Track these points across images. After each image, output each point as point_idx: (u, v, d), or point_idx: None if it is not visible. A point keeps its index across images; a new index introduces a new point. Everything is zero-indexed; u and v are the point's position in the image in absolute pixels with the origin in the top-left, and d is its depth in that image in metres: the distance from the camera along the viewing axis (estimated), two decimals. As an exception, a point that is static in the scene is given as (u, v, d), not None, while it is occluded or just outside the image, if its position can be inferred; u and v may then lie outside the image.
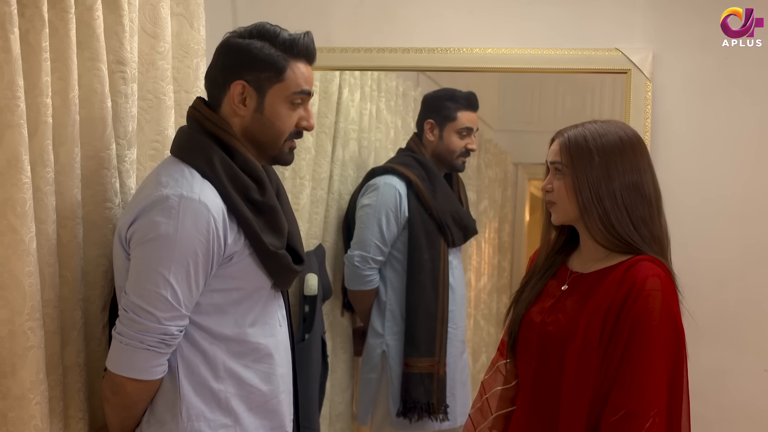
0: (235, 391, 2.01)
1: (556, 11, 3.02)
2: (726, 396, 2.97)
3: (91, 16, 1.95)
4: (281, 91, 2.01)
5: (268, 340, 2.07)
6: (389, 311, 3.26)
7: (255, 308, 2.05)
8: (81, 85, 1.95)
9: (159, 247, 1.87)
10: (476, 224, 3.41)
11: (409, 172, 3.27)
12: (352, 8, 3.13)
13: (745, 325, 2.97)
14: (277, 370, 2.08)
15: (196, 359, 1.98)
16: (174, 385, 1.97)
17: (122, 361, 1.91)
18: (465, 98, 3.30)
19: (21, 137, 1.71)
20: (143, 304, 1.87)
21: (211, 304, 1.98)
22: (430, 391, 3.19)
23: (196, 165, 1.95)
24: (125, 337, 1.89)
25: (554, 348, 2.06)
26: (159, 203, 1.88)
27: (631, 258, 2.02)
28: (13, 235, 1.73)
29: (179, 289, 1.88)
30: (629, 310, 1.94)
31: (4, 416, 1.78)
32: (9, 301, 1.75)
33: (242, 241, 1.97)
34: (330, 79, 3.25)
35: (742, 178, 2.95)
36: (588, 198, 2.03)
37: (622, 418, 1.92)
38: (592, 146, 2.04)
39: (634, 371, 1.93)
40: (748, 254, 2.96)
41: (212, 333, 1.99)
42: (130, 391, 1.93)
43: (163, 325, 1.88)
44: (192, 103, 2.08)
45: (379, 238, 3.24)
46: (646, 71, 2.93)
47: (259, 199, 2.00)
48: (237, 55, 2.00)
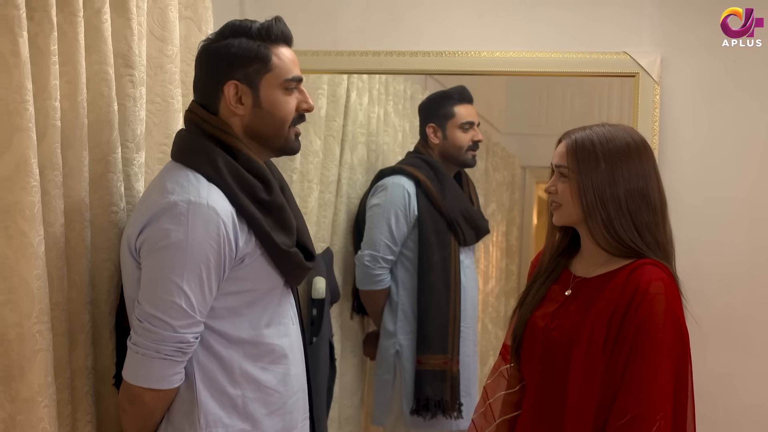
0: (253, 395, 2.01)
1: (563, 14, 3.02)
2: (733, 399, 2.96)
3: (100, 20, 1.96)
4: (273, 79, 2.00)
5: (283, 340, 2.06)
6: (401, 311, 3.27)
7: (269, 308, 2.04)
8: (89, 88, 1.96)
9: (170, 255, 1.86)
10: (488, 224, 3.41)
11: (418, 172, 3.27)
12: (360, 12, 3.13)
13: (753, 328, 2.96)
14: (291, 370, 2.08)
15: (213, 365, 1.97)
16: (191, 393, 1.96)
17: (139, 372, 1.90)
18: (457, 93, 3.31)
19: (30, 140, 1.72)
20: (157, 313, 1.86)
21: (226, 308, 1.98)
22: (443, 388, 3.19)
23: (200, 169, 1.94)
24: (141, 347, 1.88)
25: (559, 353, 2.06)
26: (168, 210, 1.87)
27: (634, 262, 2.02)
28: (21, 238, 1.73)
29: (193, 296, 1.88)
30: (633, 314, 1.94)
31: (12, 419, 1.78)
32: (18, 305, 1.76)
33: (253, 242, 1.96)
34: (338, 83, 3.26)
35: (749, 181, 2.94)
36: (592, 202, 2.03)
37: (628, 422, 1.91)
38: (599, 151, 2.03)
39: (639, 375, 1.92)
40: (756, 257, 2.95)
41: (228, 337, 1.98)
42: (148, 401, 1.92)
43: (179, 333, 1.88)
44: (188, 107, 2.06)
45: (389, 237, 3.24)
46: (654, 74, 2.92)
47: (267, 198, 1.99)
48: (219, 57, 1.99)
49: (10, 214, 1.72)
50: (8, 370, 1.77)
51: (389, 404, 3.30)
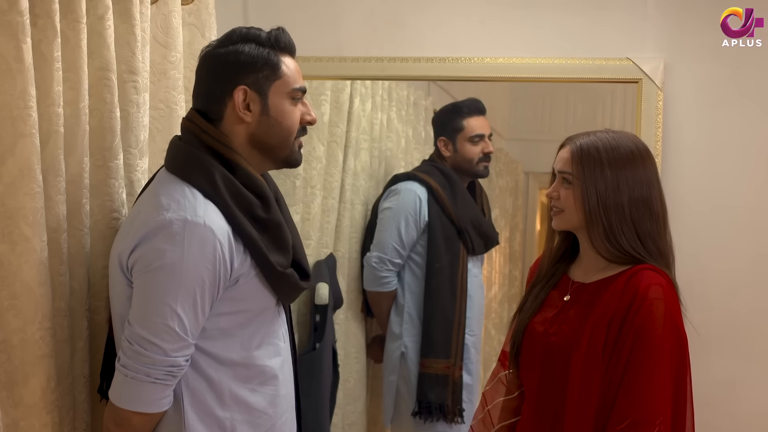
0: (242, 417, 1.95)
1: (567, 20, 3.02)
2: (737, 406, 2.95)
3: (103, 26, 1.96)
4: (281, 87, 1.96)
5: (274, 360, 2.01)
6: (407, 314, 3.29)
7: (261, 329, 1.99)
8: (91, 94, 1.96)
9: (165, 276, 1.79)
10: (498, 236, 3.42)
11: (430, 179, 3.30)
12: (364, 18, 3.13)
13: (756, 334, 2.95)
14: (281, 390, 2.03)
15: (202, 387, 1.92)
16: (178, 415, 1.90)
17: (128, 395, 1.84)
18: (468, 106, 3.32)
19: (33, 146, 1.72)
20: (149, 336, 1.80)
21: (217, 329, 1.92)
22: (444, 392, 3.22)
23: (196, 183, 1.87)
24: (131, 370, 1.82)
25: (558, 358, 2.06)
26: (163, 229, 1.79)
27: (633, 267, 2.02)
28: (25, 243, 1.74)
29: (186, 319, 1.81)
30: (632, 319, 1.94)
31: (15, 425, 1.78)
32: (21, 310, 1.76)
33: (249, 262, 1.90)
34: (341, 89, 3.26)
35: (753, 187, 2.94)
36: (595, 209, 2.02)
37: (627, 427, 1.91)
38: (604, 158, 2.02)
39: (638, 380, 1.92)
40: (760, 264, 2.94)
41: (218, 359, 1.93)
42: (135, 424, 1.86)
43: (170, 357, 1.81)
44: (186, 114, 1.99)
45: (398, 241, 3.27)
46: (657, 80, 2.92)
47: (264, 216, 1.93)
48: (228, 62, 1.93)
49: (13, 219, 1.73)
50: (12, 376, 1.77)
51: (393, 405, 3.33)
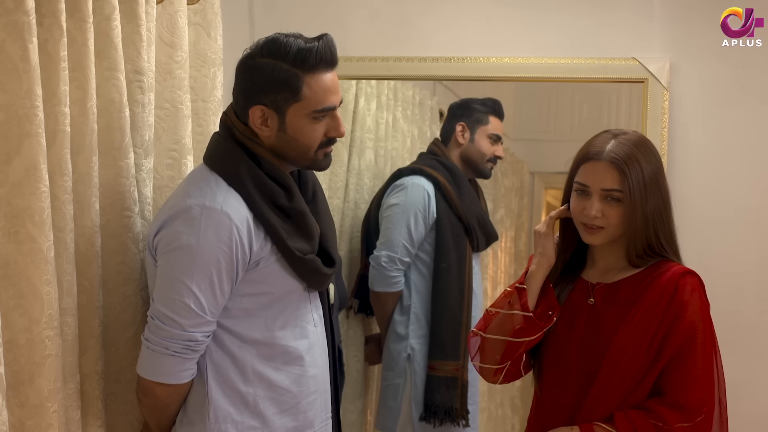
0: (265, 393, 2.04)
1: (572, 20, 3.02)
2: (744, 407, 2.93)
3: (109, 26, 1.96)
4: (300, 110, 1.97)
5: (299, 342, 2.08)
6: (413, 314, 3.24)
7: (285, 311, 2.07)
8: (99, 94, 1.96)
9: (181, 257, 1.92)
10: (497, 232, 3.40)
11: (437, 173, 3.25)
12: (369, 18, 3.13)
13: (763, 335, 2.95)
14: (309, 371, 2.10)
15: (225, 362, 2.02)
16: (203, 388, 2.02)
17: (150, 366, 1.97)
18: (496, 105, 3.31)
19: (39, 146, 1.72)
20: (167, 311, 1.93)
21: (240, 309, 2.02)
22: (453, 395, 3.18)
23: (222, 173, 1.98)
24: (152, 343, 1.95)
25: (597, 359, 2.07)
26: (182, 213, 1.93)
27: (657, 262, 2.07)
28: (31, 243, 1.73)
29: (203, 297, 1.93)
30: (683, 313, 2.01)
31: (21, 424, 1.78)
32: (27, 310, 1.76)
33: (269, 246, 2.00)
34: (346, 89, 3.25)
35: (759, 187, 2.94)
36: (641, 226, 2.03)
37: (673, 409, 1.99)
38: (647, 177, 2.02)
39: (687, 369, 2.00)
40: (766, 264, 2.94)
41: (241, 337, 2.03)
42: (159, 394, 1.99)
43: (188, 332, 1.93)
44: (226, 108, 2.09)
45: (407, 238, 3.21)
46: (663, 80, 2.92)
47: (287, 204, 2.01)
48: (252, 77, 1.98)
49: (19, 219, 1.72)
50: (18, 375, 1.77)
51: (399, 409, 3.27)
